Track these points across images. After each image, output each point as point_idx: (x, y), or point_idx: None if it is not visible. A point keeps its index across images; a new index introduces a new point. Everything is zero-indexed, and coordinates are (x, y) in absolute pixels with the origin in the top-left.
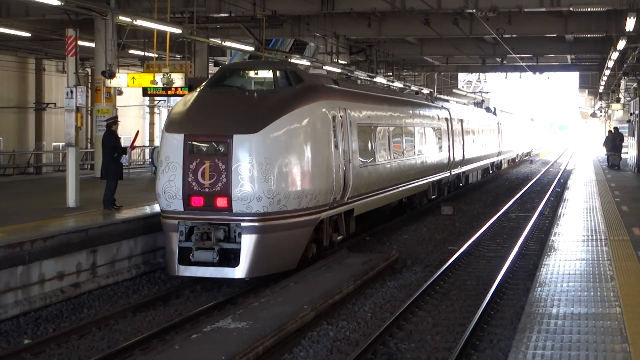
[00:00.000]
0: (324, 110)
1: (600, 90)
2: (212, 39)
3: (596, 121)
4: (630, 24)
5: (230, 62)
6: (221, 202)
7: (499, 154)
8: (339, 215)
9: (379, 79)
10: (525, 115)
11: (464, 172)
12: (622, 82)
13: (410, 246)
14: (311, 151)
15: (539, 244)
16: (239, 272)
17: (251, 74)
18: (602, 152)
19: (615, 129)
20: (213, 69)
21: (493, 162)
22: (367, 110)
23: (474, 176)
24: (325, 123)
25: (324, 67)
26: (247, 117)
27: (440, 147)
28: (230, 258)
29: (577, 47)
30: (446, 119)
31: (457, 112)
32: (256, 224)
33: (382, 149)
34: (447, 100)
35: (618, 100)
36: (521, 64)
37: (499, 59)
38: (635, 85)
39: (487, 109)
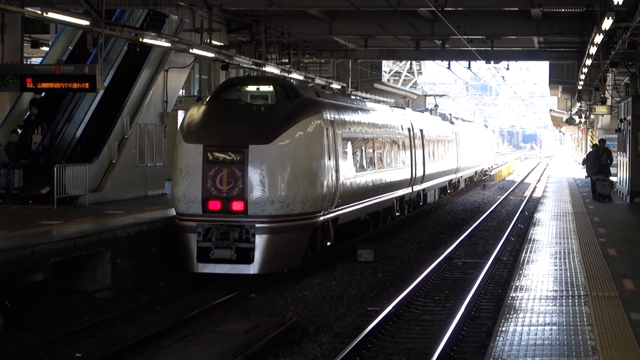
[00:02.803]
0: (319, 122)
1: (579, 87)
2: (29, 8)
3: (574, 129)
4: None
5: (55, 41)
6: (237, 205)
7: (457, 170)
8: (328, 222)
9: (270, 68)
10: (478, 123)
11: (423, 190)
12: (609, 76)
13: (313, 306)
14: (312, 160)
15: (494, 303)
16: (254, 268)
17: (253, 88)
18: (580, 173)
19: (602, 141)
20: (30, 51)
21: (451, 180)
22: (348, 122)
23: (432, 195)
24: (321, 135)
25: (191, 51)
26: (260, 129)
27: (404, 161)
28: (244, 256)
29: (547, 26)
30: (408, 129)
31: (417, 122)
32: (268, 225)
33: (360, 160)
34: (404, 107)
35: (603, 102)
36: (470, 48)
37: (438, 42)
38: (626, 79)
39: (443, 116)
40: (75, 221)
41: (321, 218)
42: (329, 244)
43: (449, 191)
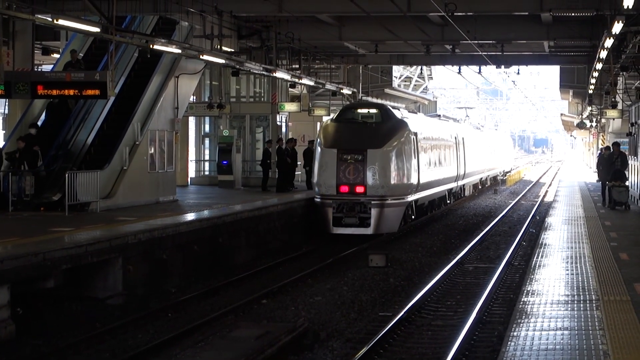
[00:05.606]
0: (409, 133)
1: (590, 91)
2: (40, 16)
3: (585, 133)
4: None
5: (67, 46)
6: (359, 189)
7: (485, 170)
8: (413, 202)
9: (281, 74)
10: (491, 128)
11: (463, 185)
12: (620, 80)
13: (325, 312)
14: (405, 160)
15: (506, 308)
16: (369, 230)
17: (364, 111)
18: (591, 177)
19: (616, 145)
20: (42, 58)
21: (481, 178)
22: (423, 132)
23: (469, 189)
24: (410, 143)
25: (201, 57)
26: (373, 139)
27: (453, 162)
28: (364, 222)
29: (557, 30)
30: (455, 137)
31: (459, 130)
32: (379, 202)
33: (430, 160)
34: (448, 119)
35: (614, 105)
36: (480, 53)
37: (449, 47)
38: (637, 83)
39: (474, 125)
40: (86, 228)
41: (409, 199)
42: (413, 217)
43: (480, 187)
